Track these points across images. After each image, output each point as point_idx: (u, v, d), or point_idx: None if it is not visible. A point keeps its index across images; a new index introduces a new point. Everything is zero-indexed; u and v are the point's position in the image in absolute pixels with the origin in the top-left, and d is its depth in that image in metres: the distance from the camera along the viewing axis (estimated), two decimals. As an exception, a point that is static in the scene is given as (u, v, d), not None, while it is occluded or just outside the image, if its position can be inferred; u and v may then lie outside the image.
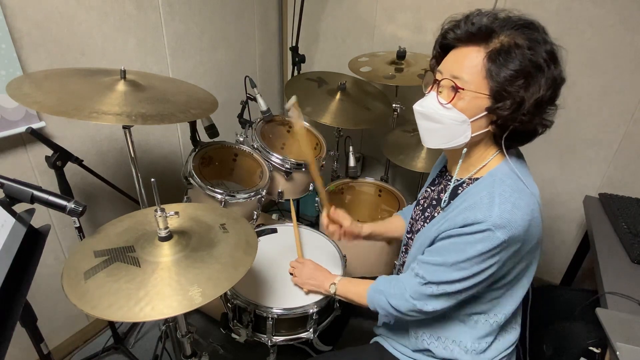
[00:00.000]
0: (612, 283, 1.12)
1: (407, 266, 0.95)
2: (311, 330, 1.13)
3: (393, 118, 1.91)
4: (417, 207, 1.01)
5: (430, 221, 0.90)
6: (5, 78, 1.13)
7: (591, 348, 1.13)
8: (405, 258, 1.03)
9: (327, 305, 1.14)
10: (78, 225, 1.28)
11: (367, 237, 1.18)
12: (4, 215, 0.75)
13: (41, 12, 1.22)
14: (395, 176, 2.42)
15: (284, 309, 1.07)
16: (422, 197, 1.01)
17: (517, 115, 0.72)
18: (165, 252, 0.84)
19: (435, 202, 0.93)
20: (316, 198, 1.68)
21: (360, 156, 2.42)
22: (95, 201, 1.56)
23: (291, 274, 1.16)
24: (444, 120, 0.78)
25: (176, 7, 1.66)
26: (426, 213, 0.95)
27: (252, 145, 1.63)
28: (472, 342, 0.87)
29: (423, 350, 0.94)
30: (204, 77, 1.91)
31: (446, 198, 0.87)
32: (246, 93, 1.69)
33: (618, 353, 0.88)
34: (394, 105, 1.86)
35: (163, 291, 0.75)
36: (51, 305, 1.50)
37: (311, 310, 1.08)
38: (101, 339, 1.67)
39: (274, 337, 1.11)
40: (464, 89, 0.74)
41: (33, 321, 0.89)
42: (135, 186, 1.23)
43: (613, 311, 1.02)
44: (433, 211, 0.92)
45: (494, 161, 0.82)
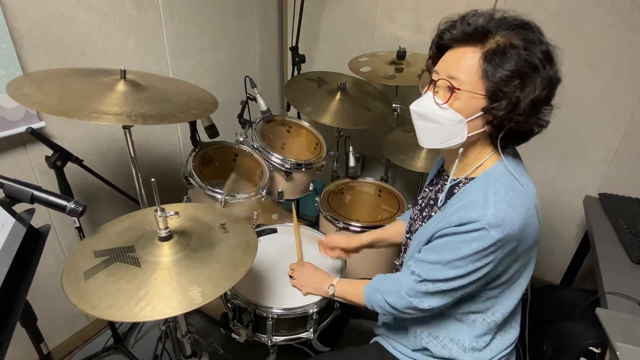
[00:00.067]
0: (612, 283, 1.12)
1: (405, 265, 0.95)
2: (311, 330, 1.13)
3: (393, 118, 1.91)
4: (416, 207, 1.01)
5: (427, 220, 0.91)
6: (5, 78, 1.13)
7: (591, 348, 1.13)
8: (404, 258, 1.03)
9: (327, 305, 1.14)
10: (78, 225, 1.28)
11: (371, 245, 1.21)
12: (4, 215, 0.75)
13: (41, 12, 1.22)
14: (395, 176, 2.42)
15: (284, 309, 1.07)
16: (421, 197, 1.01)
17: (513, 115, 0.73)
18: (165, 252, 0.84)
19: (432, 202, 0.93)
20: (316, 198, 1.68)
21: (360, 156, 2.42)
22: (95, 201, 1.56)
23: (290, 277, 1.16)
24: (441, 120, 0.78)
25: (176, 7, 1.66)
26: (424, 212, 0.95)
27: (252, 145, 1.63)
28: (470, 341, 0.88)
29: (422, 349, 0.94)
30: (204, 77, 1.91)
31: (442, 197, 0.87)
32: (246, 93, 1.69)
33: (618, 353, 0.88)
34: (394, 105, 1.86)
35: (163, 291, 0.75)
36: (51, 305, 1.50)
37: (311, 310, 1.08)
38: (101, 339, 1.67)
39: (274, 337, 1.11)
40: (460, 89, 0.75)
41: (33, 321, 0.89)
42: (135, 186, 1.23)
43: (613, 311, 1.02)
44: (430, 211, 0.93)
45: (490, 161, 0.82)
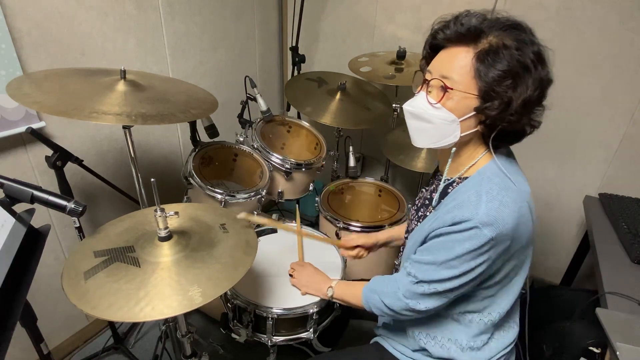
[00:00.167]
0: (612, 283, 1.12)
1: (402, 265, 0.96)
2: (311, 330, 1.13)
3: (393, 118, 1.91)
4: (413, 207, 1.02)
5: (422, 220, 0.91)
6: (5, 78, 1.13)
7: (591, 348, 1.13)
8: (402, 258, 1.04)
9: (327, 305, 1.14)
10: (78, 225, 1.28)
11: (385, 244, 1.21)
12: (4, 215, 0.75)
13: (41, 12, 1.22)
14: (395, 176, 2.42)
15: (284, 309, 1.07)
16: (418, 198, 1.02)
17: (505, 115, 0.73)
18: (165, 252, 0.84)
19: (427, 202, 0.94)
20: (316, 198, 1.68)
21: (360, 156, 2.42)
22: (95, 201, 1.56)
23: (290, 275, 1.16)
24: (434, 119, 0.78)
25: (176, 7, 1.66)
26: (419, 212, 0.96)
27: (252, 145, 1.63)
28: (468, 341, 0.88)
29: (421, 350, 0.94)
30: (204, 77, 1.91)
31: (437, 197, 0.88)
32: (246, 93, 1.69)
33: (618, 353, 0.88)
34: (394, 105, 1.86)
35: (163, 291, 0.75)
36: (51, 305, 1.50)
37: (311, 310, 1.08)
38: (101, 339, 1.67)
39: (274, 337, 1.11)
40: (453, 89, 0.75)
41: (33, 321, 0.89)
42: (135, 186, 1.23)
43: (613, 311, 1.02)
44: (425, 210, 0.93)
45: (483, 160, 0.82)
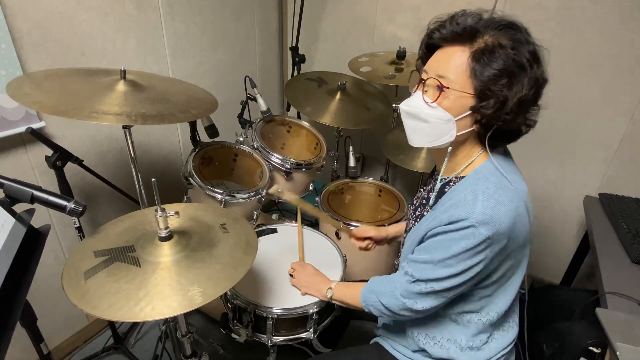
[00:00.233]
0: (612, 283, 1.12)
1: (400, 265, 0.96)
2: (311, 330, 1.13)
3: (393, 118, 1.91)
4: (411, 207, 1.02)
5: (420, 220, 0.91)
6: (5, 78, 1.13)
7: (591, 348, 1.13)
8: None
9: (327, 305, 1.14)
10: (78, 225, 1.28)
11: (394, 239, 1.23)
12: (4, 215, 0.75)
13: (41, 12, 1.22)
14: (395, 176, 2.42)
15: (284, 309, 1.07)
16: (416, 197, 1.02)
17: (501, 114, 0.73)
18: (165, 252, 0.84)
19: (425, 201, 0.94)
20: (316, 198, 1.68)
21: (360, 156, 2.42)
22: (95, 201, 1.56)
23: (291, 275, 1.16)
24: (430, 119, 0.79)
25: (176, 7, 1.66)
26: (417, 212, 0.96)
27: (252, 145, 1.63)
28: (467, 340, 0.88)
29: (421, 350, 0.94)
30: (204, 77, 1.91)
31: (434, 197, 0.88)
32: (246, 93, 1.69)
33: (618, 353, 0.88)
34: (394, 105, 1.86)
35: (163, 291, 0.75)
36: (51, 305, 1.50)
37: (311, 310, 1.08)
38: (101, 339, 1.67)
39: (274, 337, 1.11)
40: (449, 88, 0.75)
41: (33, 321, 0.89)
42: (135, 186, 1.23)
43: (613, 311, 1.02)
44: (423, 210, 0.93)
45: (479, 159, 0.82)
